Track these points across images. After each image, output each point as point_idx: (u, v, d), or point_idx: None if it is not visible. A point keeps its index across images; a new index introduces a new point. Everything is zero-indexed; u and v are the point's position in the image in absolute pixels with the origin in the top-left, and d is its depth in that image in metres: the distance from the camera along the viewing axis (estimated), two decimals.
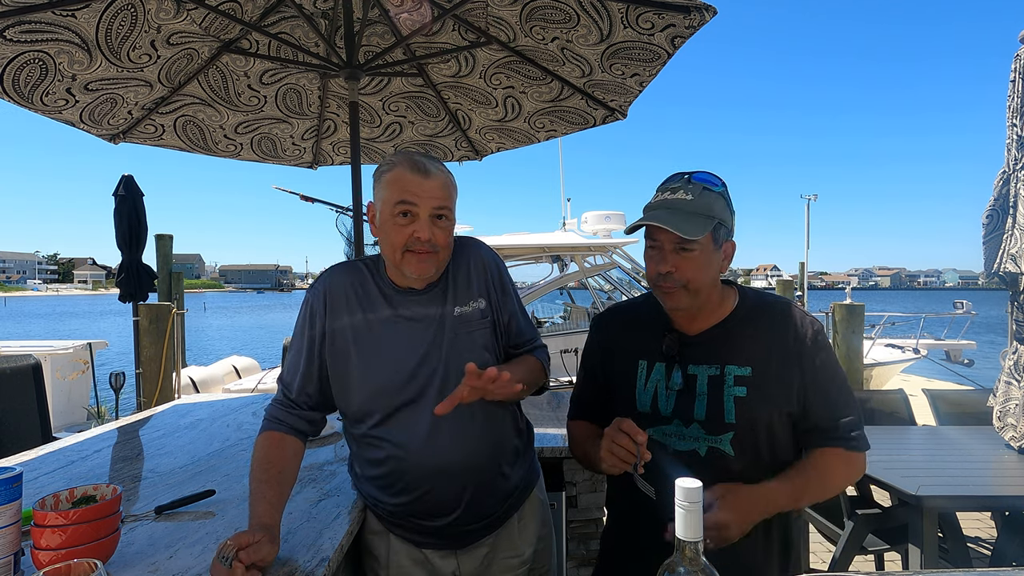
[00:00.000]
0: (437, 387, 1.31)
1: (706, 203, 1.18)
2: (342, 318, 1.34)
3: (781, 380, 1.19)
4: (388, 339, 1.33)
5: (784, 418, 1.20)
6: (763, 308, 1.27)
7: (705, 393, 1.21)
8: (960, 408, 3.41)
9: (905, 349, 9.72)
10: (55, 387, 5.98)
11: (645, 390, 1.28)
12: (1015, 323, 2.70)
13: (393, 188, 1.26)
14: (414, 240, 1.25)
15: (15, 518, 1.02)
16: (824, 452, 1.20)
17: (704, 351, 1.24)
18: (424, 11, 2.54)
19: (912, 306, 26.45)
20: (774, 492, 1.13)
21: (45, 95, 2.43)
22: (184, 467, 1.79)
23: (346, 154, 3.66)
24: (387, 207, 1.27)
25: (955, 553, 2.41)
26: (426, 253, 1.27)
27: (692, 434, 1.20)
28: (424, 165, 1.27)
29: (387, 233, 1.28)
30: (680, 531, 0.70)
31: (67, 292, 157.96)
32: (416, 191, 1.25)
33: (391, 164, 1.29)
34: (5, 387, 2.46)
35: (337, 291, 1.36)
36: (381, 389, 1.31)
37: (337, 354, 1.34)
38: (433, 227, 1.26)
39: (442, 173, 1.30)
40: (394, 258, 1.29)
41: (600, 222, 10.87)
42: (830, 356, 1.23)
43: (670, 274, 1.19)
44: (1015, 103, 2.61)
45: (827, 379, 1.21)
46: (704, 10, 2.11)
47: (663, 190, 1.23)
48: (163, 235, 9.31)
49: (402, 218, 1.25)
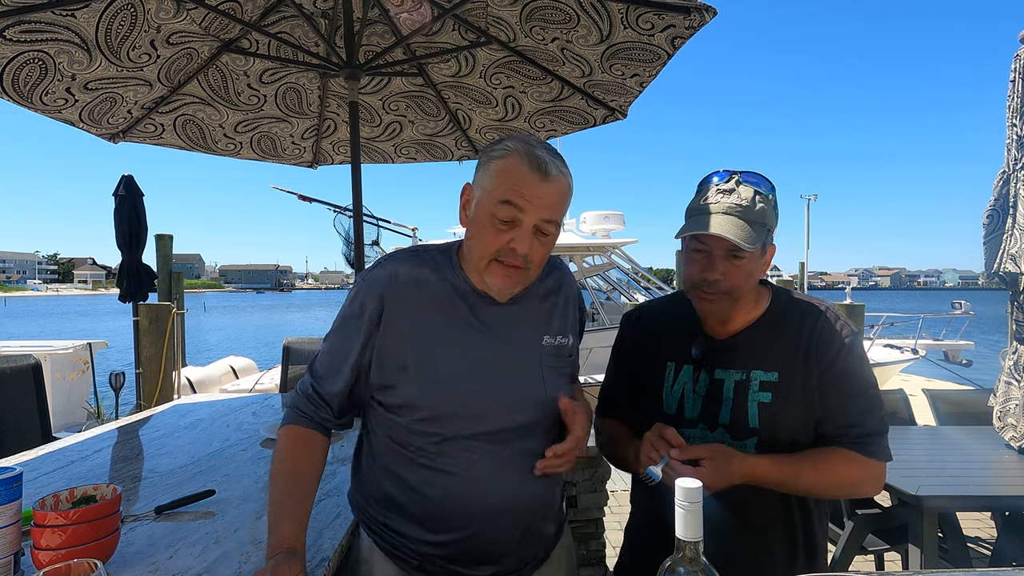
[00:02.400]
0: (526, 424, 1.13)
1: (760, 210, 1.14)
2: (405, 318, 1.11)
3: (806, 386, 1.16)
4: (468, 346, 1.12)
5: (809, 424, 1.17)
6: (794, 312, 1.23)
7: (731, 399, 1.19)
8: (960, 408, 3.41)
9: (904, 349, 9.73)
10: (55, 387, 5.97)
11: (672, 392, 1.26)
12: (1015, 323, 2.70)
13: (501, 182, 1.04)
14: (508, 250, 1.05)
15: (15, 518, 1.02)
16: (830, 447, 1.17)
17: (732, 356, 1.22)
18: (424, 11, 2.55)
19: (912, 306, 26.47)
20: (760, 466, 1.11)
21: (45, 94, 2.43)
22: (184, 467, 1.79)
23: (346, 153, 3.66)
24: (487, 202, 1.05)
25: (955, 553, 2.41)
26: (517, 268, 1.07)
27: (717, 438, 1.19)
28: (545, 163, 1.04)
29: (479, 232, 1.08)
30: (680, 531, 0.70)
31: (67, 292, 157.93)
32: (528, 194, 1.03)
33: (506, 151, 1.06)
34: (5, 387, 2.46)
35: (400, 286, 1.12)
36: (459, 407, 1.10)
37: (393, 362, 1.11)
38: (534, 240, 1.06)
39: (562, 176, 1.07)
40: (478, 263, 1.09)
41: (599, 222, 10.87)
42: (855, 364, 1.17)
43: (716, 281, 1.15)
44: (1015, 103, 2.61)
45: (845, 386, 1.16)
46: (704, 11, 2.11)
47: (714, 191, 1.17)
48: (163, 235, 9.31)
49: (502, 223, 1.04)
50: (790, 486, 1.14)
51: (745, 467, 1.09)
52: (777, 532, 1.20)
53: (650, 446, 1.11)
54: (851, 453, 1.15)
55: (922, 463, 2.51)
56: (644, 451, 1.12)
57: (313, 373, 1.18)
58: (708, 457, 1.07)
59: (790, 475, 1.12)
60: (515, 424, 1.12)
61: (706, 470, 1.05)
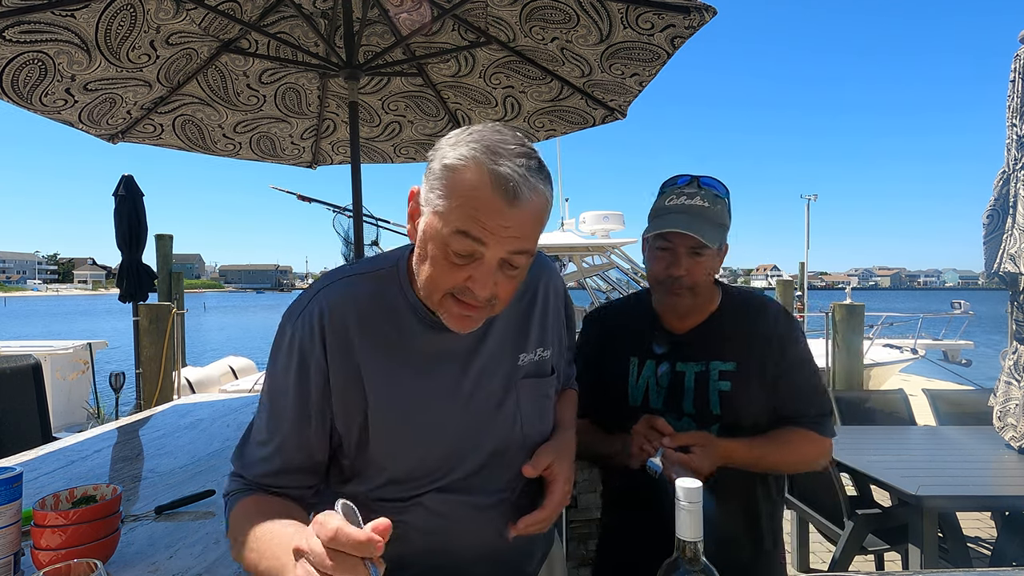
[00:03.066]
0: (500, 466, 0.98)
1: (719, 210, 1.24)
2: (353, 355, 0.90)
3: (763, 374, 1.27)
4: (431, 386, 0.94)
5: (766, 408, 1.28)
6: (744, 305, 1.34)
7: (692, 389, 1.28)
8: (960, 408, 3.41)
9: (903, 349, 9.73)
10: (55, 387, 5.97)
11: (637, 386, 1.33)
12: (1015, 323, 2.70)
13: (457, 205, 0.80)
14: (464, 289, 0.84)
15: (15, 518, 1.02)
16: (790, 428, 1.28)
17: (691, 348, 1.31)
18: (424, 11, 2.54)
19: (912, 306, 26.46)
20: (736, 449, 1.20)
21: (44, 95, 2.43)
22: (184, 467, 1.79)
23: (345, 153, 3.66)
24: (439, 226, 0.81)
25: (955, 553, 2.42)
26: (475, 308, 0.86)
27: (683, 427, 1.26)
28: (513, 183, 0.79)
29: (430, 260, 0.84)
30: (680, 531, 0.70)
31: (67, 292, 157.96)
32: (491, 224, 0.79)
33: (462, 161, 0.80)
34: (5, 387, 2.46)
35: (341, 319, 0.91)
36: (425, 457, 0.94)
37: (350, 408, 0.91)
38: (499, 275, 0.84)
39: (536, 195, 0.82)
40: (429, 295, 0.87)
41: (598, 222, 10.87)
42: (803, 349, 1.30)
43: (680, 277, 1.23)
44: (1015, 103, 2.61)
45: (798, 371, 1.28)
46: (704, 10, 2.11)
47: (676, 193, 1.26)
48: (163, 235, 9.32)
49: (457, 256, 0.82)
50: (760, 465, 1.24)
51: (726, 450, 1.17)
52: (744, 512, 1.30)
53: (642, 438, 1.16)
54: (809, 433, 1.27)
55: (922, 463, 2.52)
56: (637, 444, 1.16)
57: (247, 456, 0.93)
58: (696, 443, 1.13)
59: (760, 455, 1.22)
60: (486, 470, 0.97)
61: (696, 456, 1.11)
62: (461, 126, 1.25)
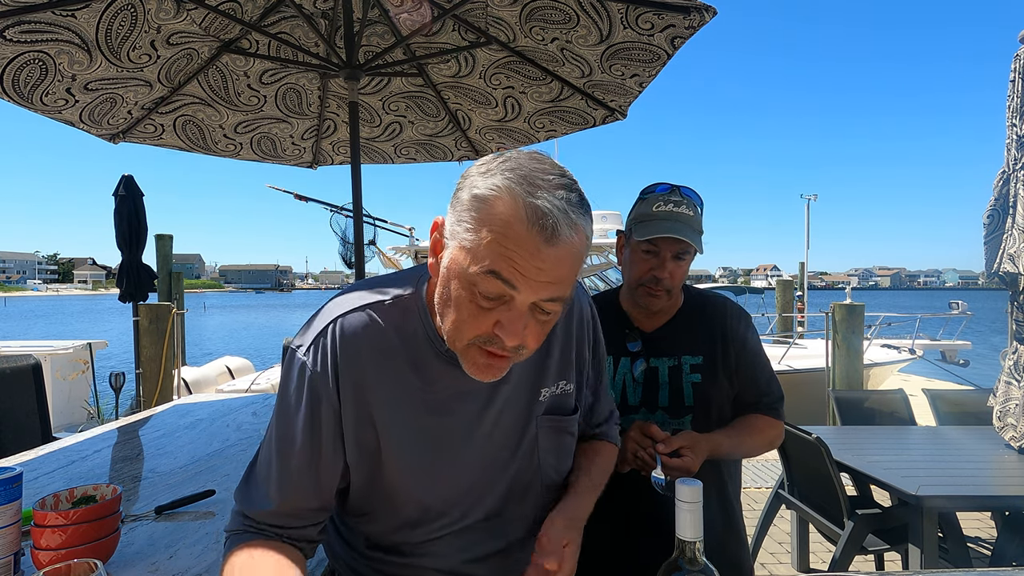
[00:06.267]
0: (523, 498, 0.94)
1: (699, 219, 1.33)
2: (367, 393, 0.85)
3: (726, 365, 1.36)
4: (448, 423, 0.89)
5: (729, 397, 1.37)
6: (704, 303, 1.44)
7: (667, 382, 1.36)
8: (960, 408, 3.41)
9: (901, 349, 9.72)
10: (55, 387, 5.97)
11: (613, 383, 1.39)
12: (1015, 323, 2.70)
13: (489, 241, 0.71)
14: (491, 337, 0.76)
15: (15, 518, 1.02)
16: (754, 415, 1.38)
17: (662, 345, 1.39)
18: (424, 11, 2.55)
19: (912, 306, 26.45)
20: (719, 443, 1.25)
21: (45, 95, 2.43)
22: (184, 467, 1.79)
23: (346, 154, 3.66)
24: (467, 264, 0.73)
25: (955, 553, 2.42)
26: (502, 358, 0.78)
27: (657, 420, 1.33)
28: (554, 220, 0.70)
29: (454, 304, 0.77)
30: (680, 531, 0.70)
31: (67, 292, 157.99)
32: (524, 266, 0.71)
33: (496, 192, 0.72)
34: (5, 387, 2.46)
35: (356, 355, 0.85)
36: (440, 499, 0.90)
37: (363, 447, 0.87)
38: (531, 321, 0.76)
39: (576, 233, 0.73)
40: (452, 343, 0.80)
41: (597, 222, 10.86)
42: (757, 341, 1.42)
43: (663, 279, 1.31)
44: (1015, 103, 2.61)
45: (754, 362, 1.39)
46: (704, 11, 2.11)
47: (663, 200, 1.32)
48: (163, 235, 9.33)
49: (486, 299, 0.74)
50: (736, 453, 1.32)
51: (711, 445, 1.22)
52: (717, 494, 1.37)
53: (636, 445, 1.18)
54: (768, 418, 1.38)
55: (922, 463, 2.52)
56: (631, 450, 1.19)
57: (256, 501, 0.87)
58: (687, 445, 1.17)
59: (736, 444, 1.29)
60: (502, 511, 0.94)
61: (688, 458, 1.15)
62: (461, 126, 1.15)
